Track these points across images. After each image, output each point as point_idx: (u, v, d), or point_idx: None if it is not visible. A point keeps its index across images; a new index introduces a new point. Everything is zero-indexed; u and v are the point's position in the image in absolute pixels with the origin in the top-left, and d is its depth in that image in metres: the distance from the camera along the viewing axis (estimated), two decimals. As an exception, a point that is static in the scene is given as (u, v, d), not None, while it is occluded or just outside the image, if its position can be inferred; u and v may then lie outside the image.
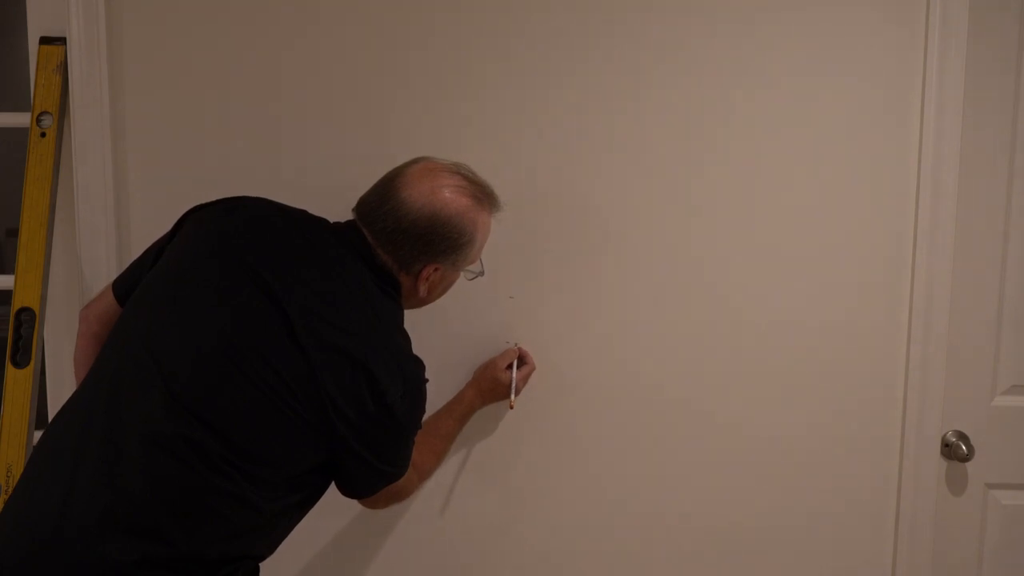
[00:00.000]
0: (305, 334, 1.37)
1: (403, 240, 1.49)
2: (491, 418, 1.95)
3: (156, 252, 1.52)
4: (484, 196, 1.56)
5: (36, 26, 1.84)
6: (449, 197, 1.50)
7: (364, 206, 1.53)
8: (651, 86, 1.89)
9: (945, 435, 2.02)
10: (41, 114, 1.82)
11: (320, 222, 1.55)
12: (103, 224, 1.83)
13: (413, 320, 1.91)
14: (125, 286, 1.52)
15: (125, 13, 1.82)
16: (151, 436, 1.32)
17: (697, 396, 1.96)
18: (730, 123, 1.91)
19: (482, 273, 1.66)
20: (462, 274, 1.62)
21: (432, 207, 1.49)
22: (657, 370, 1.95)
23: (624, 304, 1.94)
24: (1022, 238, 2.00)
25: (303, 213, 1.55)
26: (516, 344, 1.90)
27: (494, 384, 1.83)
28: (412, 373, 1.48)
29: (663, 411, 1.97)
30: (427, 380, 1.52)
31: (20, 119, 1.86)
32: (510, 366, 1.84)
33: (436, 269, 1.53)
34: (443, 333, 1.91)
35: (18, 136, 1.89)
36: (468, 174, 1.56)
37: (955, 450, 2.01)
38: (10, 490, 1.74)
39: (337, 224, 1.55)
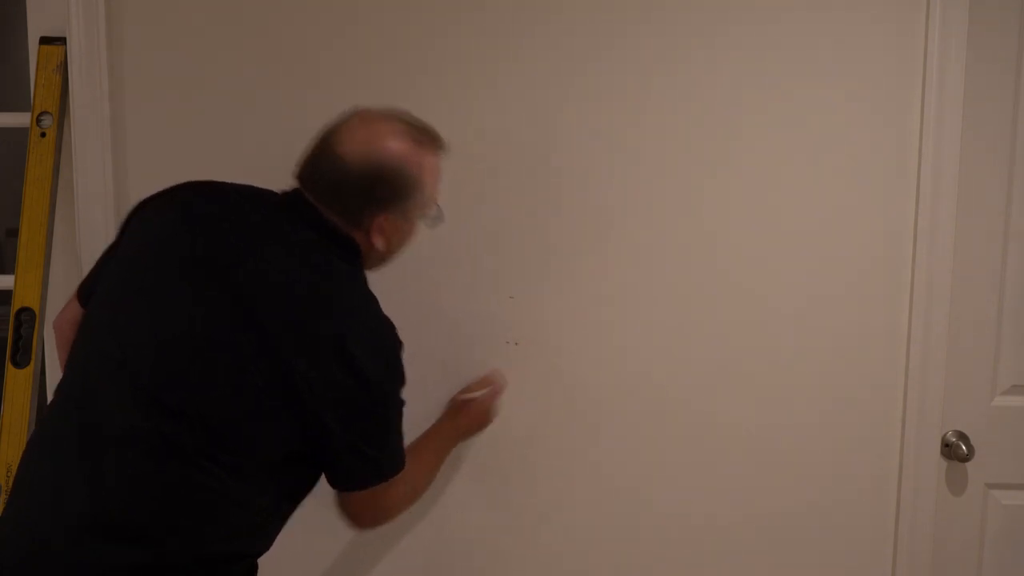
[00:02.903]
0: (265, 311, 1.34)
1: (347, 195, 1.44)
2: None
3: (110, 251, 1.51)
4: (425, 138, 1.49)
5: (36, 26, 1.84)
6: (388, 143, 1.44)
7: (303, 169, 1.47)
8: (653, 87, 1.89)
9: (945, 435, 2.02)
10: (41, 114, 1.82)
11: (269, 195, 1.49)
12: (103, 224, 1.83)
13: (413, 319, 1.91)
14: (86, 290, 1.51)
15: (125, 13, 1.82)
16: (124, 433, 1.30)
17: (697, 396, 1.96)
18: (731, 124, 1.91)
19: (441, 218, 1.59)
20: (421, 222, 1.56)
21: (371, 156, 1.43)
22: (657, 370, 1.95)
23: (624, 304, 1.94)
24: (1022, 238, 2.00)
25: (251, 188, 1.50)
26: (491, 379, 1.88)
27: (473, 419, 1.83)
28: (384, 336, 1.44)
29: (663, 411, 1.96)
30: (402, 344, 1.47)
31: (20, 119, 1.86)
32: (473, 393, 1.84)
33: (387, 219, 1.46)
34: (443, 333, 1.92)
35: (18, 136, 1.90)
36: (407, 118, 1.49)
37: (955, 450, 2.01)
38: (10, 490, 1.74)
39: (284, 194, 1.49)
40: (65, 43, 1.81)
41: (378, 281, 1.90)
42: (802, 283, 1.95)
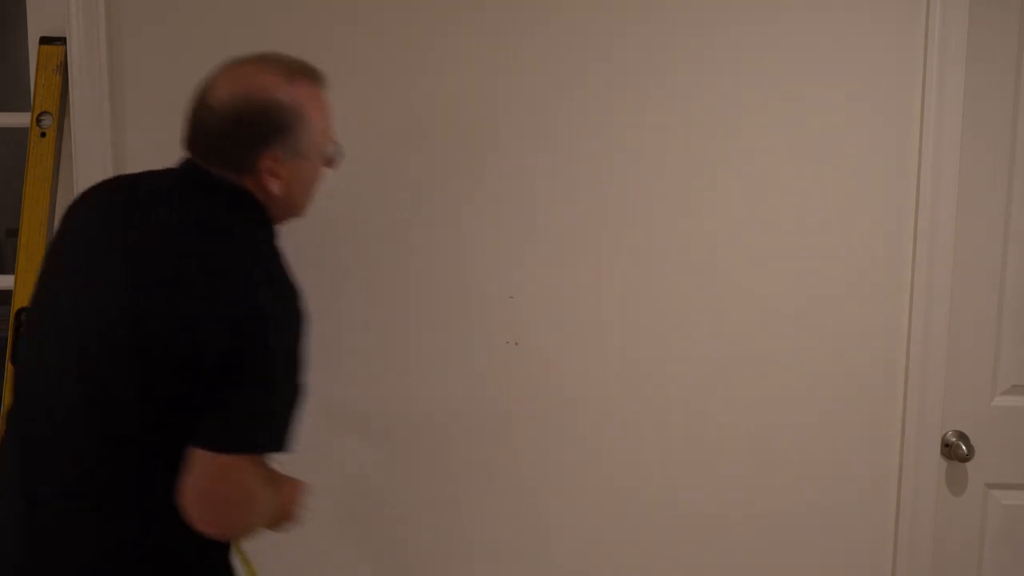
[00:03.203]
0: (152, 271, 1.31)
1: (224, 142, 1.37)
2: (491, 419, 1.95)
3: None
4: (298, 69, 1.41)
5: (36, 26, 1.84)
6: (254, 80, 1.37)
7: (185, 134, 1.41)
8: (653, 88, 1.89)
9: (945, 435, 2.02)
10: (41, 114, 1.82)
11: (168, 173, 1.44)
12: (103, 224, 1.82)
13: (413, 319, 1.91)
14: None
15: (125, 13, 1.82)
16: (60, 426, 1.31)
17: (697, 395, 1.96)
18: (731, 124, 1.91)
19: (341, 155, 1.51)
20: (322, 163, 1.47)
21: (238, 94, 1.36)
22: (657, 370, 1.95)
23: (624, 304, 1.94)
24: (1022, 238, 2.00)
25: (151, 173, 1.47)
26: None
27: (288, 516, 1.50)
28: (274, 293, 1.32)
29: (663, 411, 1.96)
30: (301, 312, 1.35)
31: (20, 119, 1.86)
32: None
33: (275, 159, 1.37)
34: (443, 333, 1.92)
35: (18, 136, 1.90)
36: (276, 56, 1.42)
37: (955, 450, 2.01)
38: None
39: (176, 167, 1.44)
40: (65, 43, 1.81)
41: (378, 281, 1.91)
42: (802, 283, 1.95)
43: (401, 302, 1.92)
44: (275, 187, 1.39)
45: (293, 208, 1.47)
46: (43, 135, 1.82)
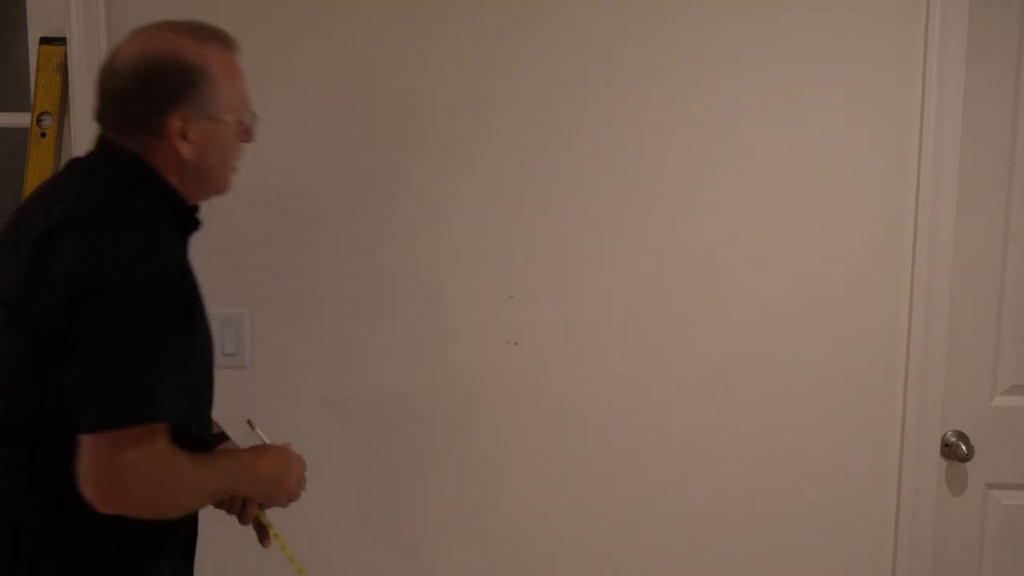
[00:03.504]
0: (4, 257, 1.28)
1: (131, 102, 1.30)
2: (491, 419, 1.95)
3: None
4: (207, 34, 1.36)
5: (36, 26, 1.84)
6: (160, 39, 1.32)
7: (95, 105, 1.35)
8: (653, 88, 1.89)
9: (945, 435, 2.02)
10: (41, 114, 1.82)
11: (74, 162, 1.40)
12: (103, 224, 1.82)
13: (413, 319, 1.91)
14: None
15: (125, 13, 1.82)
16: None
17: (696, 395, 1.96)
18: (731, 124, 1.91)
19: (256, 121, 1.42)
20: (242, 124, 1.39)
21: (144, 54, 1.30)
22: (657, 370, 1.95)
23: (624, 304, 1.94)
24: (1022, 238, 2.00)
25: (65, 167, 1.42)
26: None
27: (276, 486, 1.43)
28: (121, 241, 1.21)
29: (663, 411, 1.96)
30: (153, 269, 1.21)
31: (20, 119, 1.86)
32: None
33: (184, 119, 1.30)
34: (443, 333, 1.92)
35: (18, 136, 1.90)
36: (185, 21, 1.37)
37: (955, 450, 2.01)
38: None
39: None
40: (65, 43, 1.81)
41: (378, 281, 1.91)
42: (802, 283, 1.95)
43: (401, 302, 1.92)
44: (186, 150, 1.31)
45: (211, 178, 1.38)
46: (43, 135, 1.82)
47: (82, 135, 1.82)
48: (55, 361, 1.19)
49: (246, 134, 1.41)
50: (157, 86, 1.30)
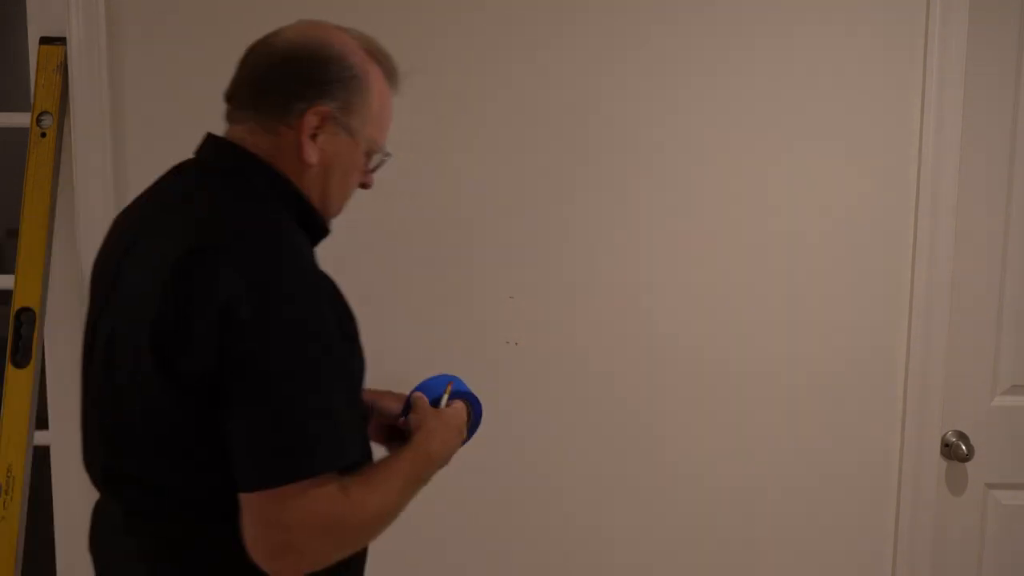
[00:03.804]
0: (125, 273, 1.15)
1: (273, 78, 1.18)
2: (490, 419, 1.95)
3: None
4: (380, 53, 1.25)
5: (36, 26, 1.84)
6: (332, 34, 1.21)
7: (231, 82, 1.25)
8: (654, 90, 1.89)
9: (945, 435, 2.02)
10: (41, 114, 1.82)
11: (193, 167, 1.25)
12: (103, 224, 1.82)
13: (413, 320, 1.91)
14: None
15: (125, 13, 1.82)
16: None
17: (696, 396, 1.96)
18: (730, 125, 1.91)
19: (384, 161, 1.30)
20: (370, 157, 1.26)
21: (309, 35, 1.20)
22: (656, 370, 1.95)
23: (624, 304, 1.94)
24: (1022, 238, 2.00)
25: (162, 178, 1.27)
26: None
27: (453, 426, 1.38)
28: (270, 264, 1.06)
29: (662, 411, 1.97)
30: (305, 265, 1.11)
31: (20, 119, 1.86)
32: (435, 402, 1.40)
33: (324, 116, 1.17)
34: (442, 333, 1.92)
35: (18, 136, 1.90)
36: (366, 35, 1.27)
37: (955, 450, 2.01)
38: (11, 490, 1.74)
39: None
40: (65, 43, 1.81)
41: (377, 281, 1.91)
42: (802, 283, 1.95)
43: (401, 302, 1.92)
44: (311, 152, 1.17)
45: (326, 196, 1.23)
46: (43, 135, 1.82)
47: (82, 135, 1.82)
48: (212, 410, 1.04)
49: (368, 173, 1.28)
50: (310, 71, 1.17)
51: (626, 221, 1.92)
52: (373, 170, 1.29)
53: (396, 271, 1.91)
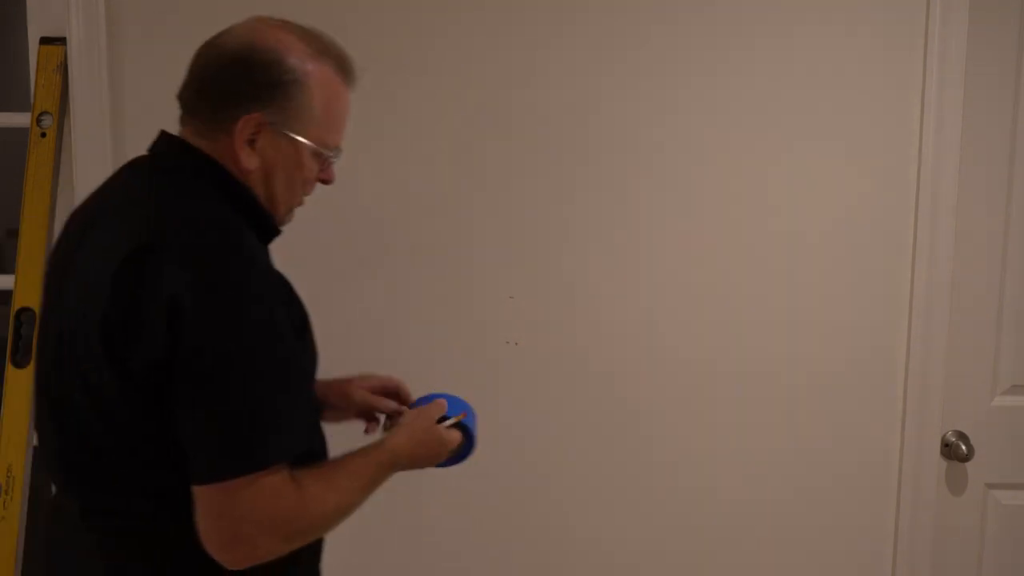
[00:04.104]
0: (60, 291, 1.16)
1: (211, 84, 1.18)
2: (490, 419, 1.95)
3: None
4: (328, 49, 1.22)
5: (36, 26, 1.84)
6: (276, 36, 1.19)
7: (183, 81, 1.24)
8: (654, 91, 1.89)
9: (945, 435, 2.02)
10: (41, 114, 1.82)
11: (141, 164, 1.25)
12: (103, 224, 1.83)
13: (413, 320, 1.91)
14: None
15: (125, 13, 1.82)
16: None
17: (696, 395, 1.96)
18: (730, 126, 1.91)
19: (338, 155, 1.27)
20: (320, 157, 1.24)
21: (251, 38, 1.18)
22: (656, 370, 1.95)
23: (624, 305, 1.94)
24: (1022, 238, 2.00)
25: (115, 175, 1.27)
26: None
27: (438, 443, 1.34)
28: (211, 255, 1.07)
29: (662, 411, 1.96)
30: (251, 260, 1.11)
31: (20, 119, 1.86)
32: (442, 419, 1.36)
33: (259, 123, 1.16)
34: (442, 333, 1.92)
35: (18, 136, 1.90)
36: (318, 32, 1.25)
37: (955, 450, 2.01)
38: (11, 490, 1.74)
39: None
40: (65, 43, 1.81)
41: (377, 281, 1.91)
42: (803, 283, 1.95)
43: (401, 302, 1.92)
44: (247, 160, 1.17)
45: (271, 199, 1.23)
46: (43, 135, 1.82)
47: (82, 135, 1.82)
48: (163, 406, 1.06)
49: (324, 171, 1.26)
50: (242, 77, 1.16)
51: (626, 221, 1.92)
52: (328, 168, 1.28)
53: (396, 271, 1.91)
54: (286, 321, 1.11)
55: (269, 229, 1.24)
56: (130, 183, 1.22)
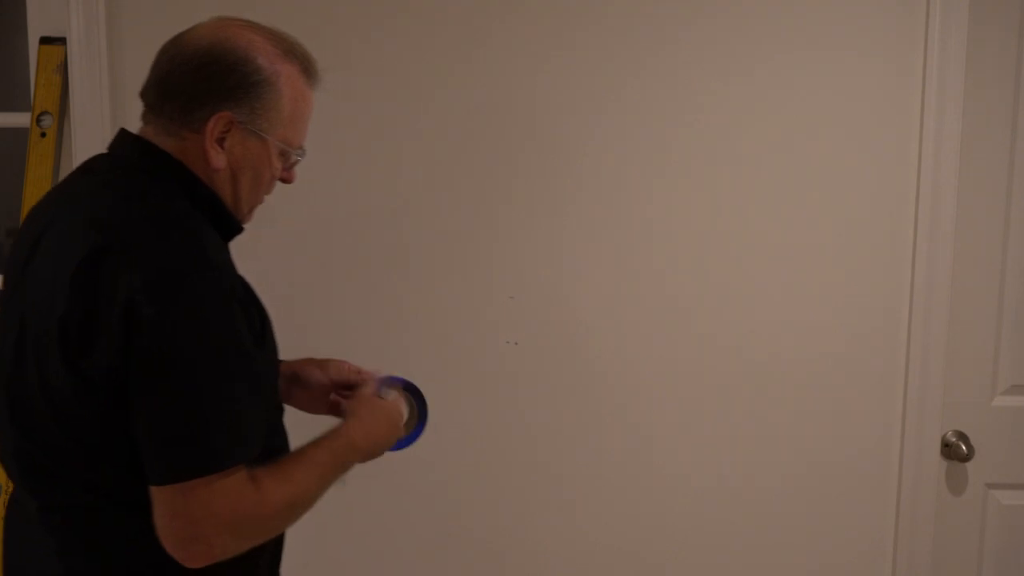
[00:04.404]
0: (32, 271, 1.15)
1: (178, 82, 1.17)
2: (490, 419, 1.95)
3: None
4: (293, 50, 1.23)
5: (36, 26, 1.84)
6: (244, 36, 1.19)
7: (146, 80, 1.23)
8: (655, 93, 1.89)
9: (945, 435, 2.02)
10: (41, 114, 1.82)
11: (101, 163, 1.25)
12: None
13: (413, 320, 1.91)
14: None
15: (125, 13, 1.82)
16: None
17: (695, 396, 1.96)
18: (730, 126, 1.91)
19: (302, 154, 1.29)
20: (286, 157, 1.25)
21: (218, 37, 1.18)
22: (656, 370, 1.95)
23: (624, 305, 1.94)
24: (1022, 238, 2.00)
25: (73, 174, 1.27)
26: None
27: (385, 415, 1.36)
28: (170, 262, 1.07)
29: (662, 411, 1.96)
30: (210, 262, 1.10)
31: (20, 119, 1.86)
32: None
33: (229, 122, 1.17)
34: (442, 333, 1.92)
35: (18, 136, 1.90)
36: (283, 32, 1.25)
37: (955, 450, 2.01)
38: (11, 489, 1.74)
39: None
40: (65, 43, 1.81)
41: (378, 281, 1.91)
42: (803, 284, 1.95)
43: (401, 302, 1.92)
44: (216, 158, 1.18)
45: (235, 200, 1.24)
46: (43, 135, 1.82)
47: (82, 135, 1.82)
48: (120, 406, 1.07)
49: (287, 170, 1.28)
50: (213, 76, 1.17)
51: (626, 221, 1.92)
52: (290, 168, 1.29)
53: (397, 271, 1.91)
54: (244, 324, 1.11)
55: (232, 228, 1.24)
56: (89, 184, 1.21)
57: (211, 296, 1.07)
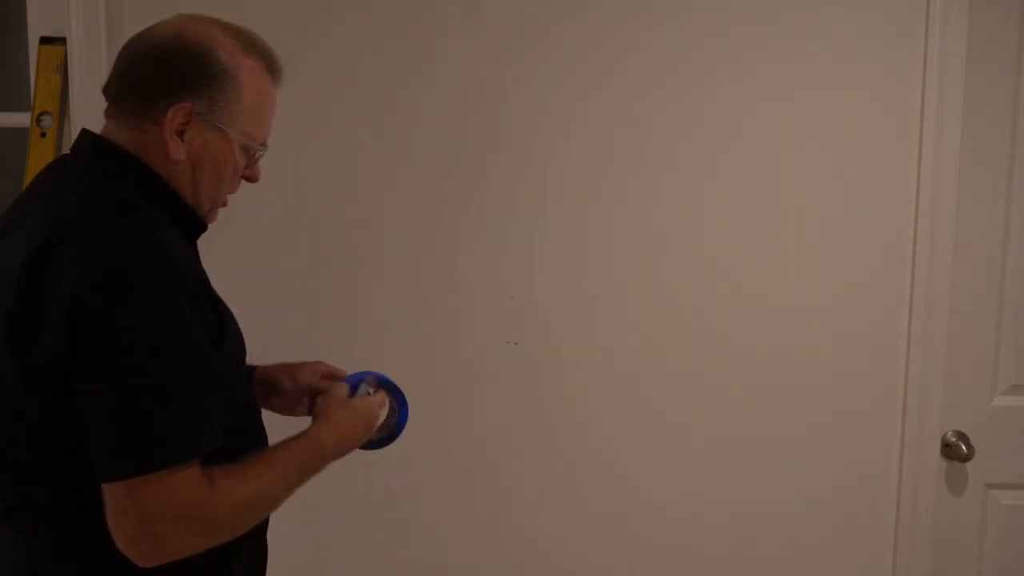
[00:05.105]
0: None
1: (138, 74, 1.17)
2: (490, 419, 1.95)
3: None
4: (256, 45, 1.23)
5: (36, 26, 1.84)
6: (205, 30, 1.20)
7: (109, 75, 1.23)
8: (656, 94, 1.89)
9: (945, 435, 2.02)
10: (41, 114, 1.82)
11: (62, 162, 1.27)
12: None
13: (413, 320, 1.91)
14: None
15: (125, 13, 1.82)
16: None
17: (695, 396, 1.96)
18: (731, 127, 1.91)
19: (263, 151, 1.28)
20: (248, 152, 1.25)
21: (180, 31, 1.19)
22: (656, 370, 1.95)
23: (624, 305, 1.94)
24: (1022, 238, 2.00)
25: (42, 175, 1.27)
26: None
27: (358, 415, 1.35)
28: (114, 260, 1.07)
29: (661, 411, 1.96)
30: (161, 260, 1.09)
31: (20, 119, 1.86)
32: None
33: (189, 112, 1.16)
34: (442, 333, 1.92)
35: (18, 136, 1.90)
36: (245, 29, 1.25)
37: (955, 450, 2.01)
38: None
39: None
40: (65, 43, 1.81)
41: (378, 280, 1.91)
42: (803, 284, 1.95)
43: (401, 302, 1.92)
44: (175, 150, 1.17)
45: (196, 194, 1.22)
46: (43, 135, 1.82)
47: (82, 135, 1.82)
48: (69, 402, 1.06)
49: (250, 167, 1.27)
50: (173, 67, 1.17)
51: (626, 221, 1.92)
52: (253, 164, 1.28)
53: (397, 271, 1.91)
54: (195, 321, 1.09)
55: (194, 225, 1.24)
56: (49, 182, 1.22)
57: (160, 293, 1.07)
